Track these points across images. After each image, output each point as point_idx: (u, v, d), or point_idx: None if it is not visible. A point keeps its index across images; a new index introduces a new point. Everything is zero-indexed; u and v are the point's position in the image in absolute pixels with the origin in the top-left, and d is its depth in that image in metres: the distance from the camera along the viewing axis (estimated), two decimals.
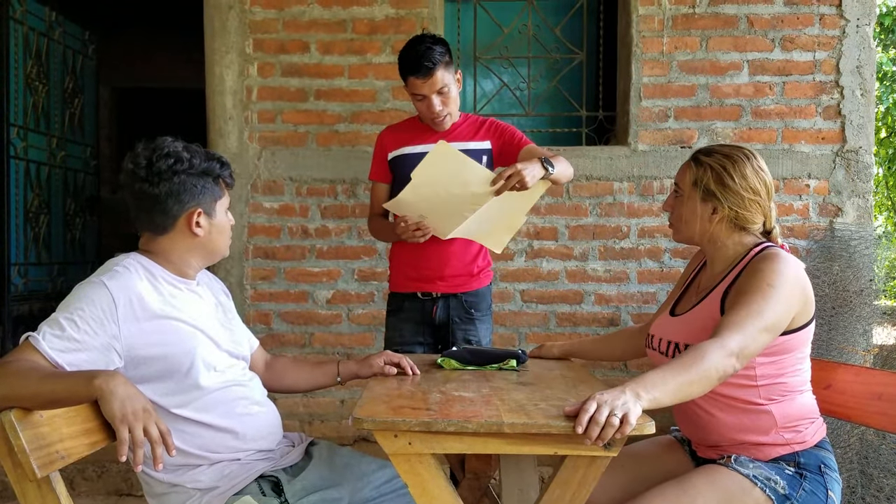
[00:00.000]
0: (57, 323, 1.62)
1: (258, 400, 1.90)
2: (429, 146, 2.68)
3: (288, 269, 3.92)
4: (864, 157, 3.82)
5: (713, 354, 1.62)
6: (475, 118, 2.83)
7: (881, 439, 3.03)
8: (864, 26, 3.80)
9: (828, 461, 1.82)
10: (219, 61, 3.88)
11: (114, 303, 1.66)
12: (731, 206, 1.88)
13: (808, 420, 1.84)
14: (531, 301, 3.90)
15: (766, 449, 1.81)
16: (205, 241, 1.85)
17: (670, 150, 3.83)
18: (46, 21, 4.94)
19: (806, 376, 1.87)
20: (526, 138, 2.77)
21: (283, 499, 1.71)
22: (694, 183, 1.92)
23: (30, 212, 4.76)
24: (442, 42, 2.63)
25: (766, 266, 1.77)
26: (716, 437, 1.86)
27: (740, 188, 1.86)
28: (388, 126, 2.92)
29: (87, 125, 5.62)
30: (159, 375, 1.72)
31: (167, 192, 1.77)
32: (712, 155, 1.91)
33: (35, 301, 4.79)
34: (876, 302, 3.57)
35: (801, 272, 1.80)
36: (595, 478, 1.51)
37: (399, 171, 2.76)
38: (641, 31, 3.85)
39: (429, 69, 2.56)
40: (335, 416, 3.93)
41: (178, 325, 1.75)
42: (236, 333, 1.95)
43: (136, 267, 1.77)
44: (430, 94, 2.61)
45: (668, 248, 3.86)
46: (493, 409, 1.57)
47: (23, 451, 1.49)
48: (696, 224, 1.93)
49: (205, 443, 1.77)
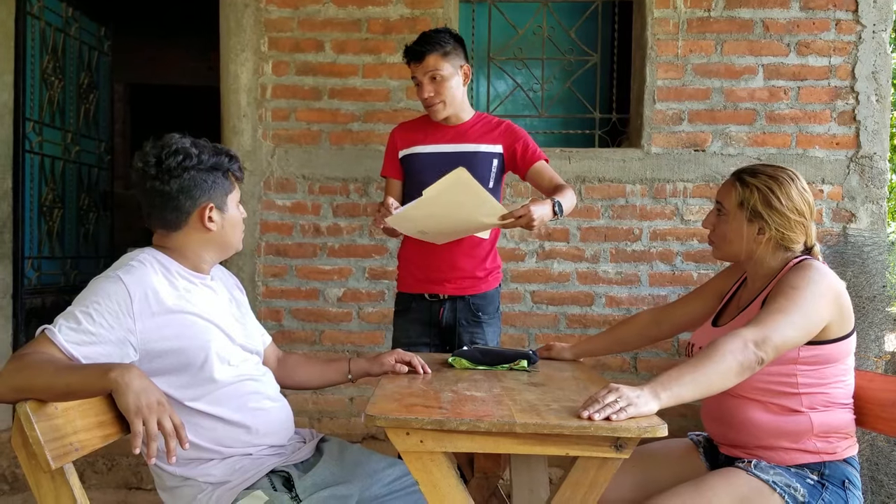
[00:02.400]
0: (73, 316, 1.64)
1: (271, 395, 1.91)
2: (440, 146, 2.68)
3: (299, 267, 3.93)
4: (878, 162, 3.81)
5: (729, 345, 1.64)
6: (490, 118, 2.80)
7: (892, 446, 3.02)
8: (881, 32, 3.79)
9: (853, 478, 1.82)
10: (234, 59, 3.89)
11: (129, 297, 1.67)
12: (777, 228, 1.89)
13: (842, 434, 1.84)
14: (542, 302, 3.90)
15: (794, 455, 1.81)
16: (218, 236, 1.86)
17: (683, 154, 3.82)
18: (63, 17, 4.96)
19: (849, 390, 1.87)
20: (539, 151, 2.73)
21: (294, 494, 1.72)
22: (740, 203, 1.92)
23: (44, 206, 4.79)
24: (449, 32, 2.65)
25: (796, 273, 1.80)
26: (747, 437, 1.86)
27: (786, 210, 1.88)
28: (401, 123, 2.91)
29: (101, 121, 5.64)
30: (174, 369, 1.73)
31: (178, 188, 1.78)
32: (758, 176, 1.92)
33: (48, 294, 4.81)
34: (888, 308, 3.55)
35: (835, 281, 1.81)
36: (606, 479, 1.51)
37: (410, 169, 2.75)
38: (656, 33, 3.84)
39: (420, 53, 2.61)
40: (344, 413, 3.94)
41: (192, 319, 1.76)
42: (249, 328, 1.96)
43: (151, 262, 1.78)
44: (422, 79, 2.63)
45: (680, 251, 3.86)
46: (504, 408, 1.58)
47: (37, 442, 1.50)
48: (740, 244, 1.94)
49: (217, 437, 1.78)
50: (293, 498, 1.71)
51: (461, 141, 2.69)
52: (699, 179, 3.81)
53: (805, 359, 1.79)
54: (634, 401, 1.50)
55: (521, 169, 2.73)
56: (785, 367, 1.79)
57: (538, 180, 2.71)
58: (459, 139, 2.70)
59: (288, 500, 1.71)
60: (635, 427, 1.45)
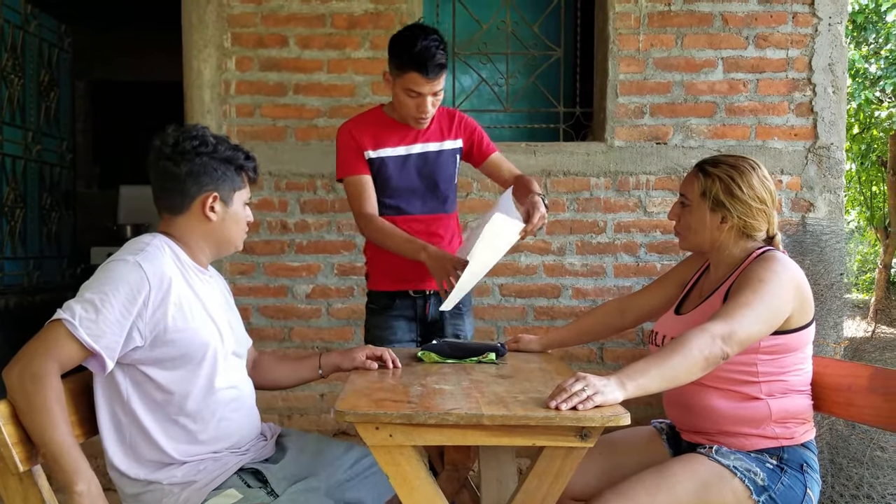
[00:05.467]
0: (91, 304, 1.62)
1: (246, 403, 1.90)
2: (409, 147, 2.62)
3: (267, 264, 3.92)
4: (835, 153, 3.89)
5: (695, 339, 1.68)
6: (442, 110, 2.71)
7: (850, 429, 3.10)
8: (837, 24, 3.87)
9: (811, 461, 1.88)
10: (196, 55, 3.86)
11: (148, 284, 1.67)
12: (739, 216, 1.93)
13: (800, 419, 1.89)
14: (510, 295, 3.94)
15: (754, 440, 1.86)
16: (218, 228, 1.86)
17: (646, 147, 3.88)
18: (22, 14, 4.89)
19: (807, 377, 1.93)
20: (492, 143, 2.74)
21: (270, 489, 1.72)
22: (703, 193, 1.96)
23: (5, 206, 4.72)
24: (445, 42, 2.48)
25: (760, 266, 1.85)
26: (707, 423, 1.91)
27: (748, 198, 1.92)
28: (354, 120, 2.72)
29: (62, 119, 5.57)
30: (171, 359, 1.72)
31: (188, 171, 1.80)
32: (719, 165, 1.96)
33: (11, 295, 4.75)
34: (847, 295, 3.64)
35: (797, 273, 1.86)
36: (571, 468, 1.55)
37: (374, 173, 2.63)
38: (618, 28, 3.89)
39: (438, 71, 2.43)
40: (315, 409, 3.95)
41: (200, 315, 1.77)
42: (237, 332, 1.95)
43: (164, 249, 1.78)
44: (426, 94, 2.47)
45: (644, 242, 3.91)
46: (472, 401, 1.60)
47: (5, 444, 1.51)
48: (704, 233, 1.98)
49: (183, 448, 1.76)
50: (269, 493, 1.72)
51: (425, 140, 2.65)
52: (661, 172, 3.86)
53: (766, 348, 1.84)
54: (601, 389, 1.54)
55: (478, 160, 2.73)
56: (746, 357, 1.83)
57: (496, 171, 2.73)
58: (423, 138, 2.65)
59: (264, 495, 1.71)
60: (599, 416, 1.48)
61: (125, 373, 1.72)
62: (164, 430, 1.74)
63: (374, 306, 2.76)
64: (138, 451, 1.74)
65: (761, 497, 1.79)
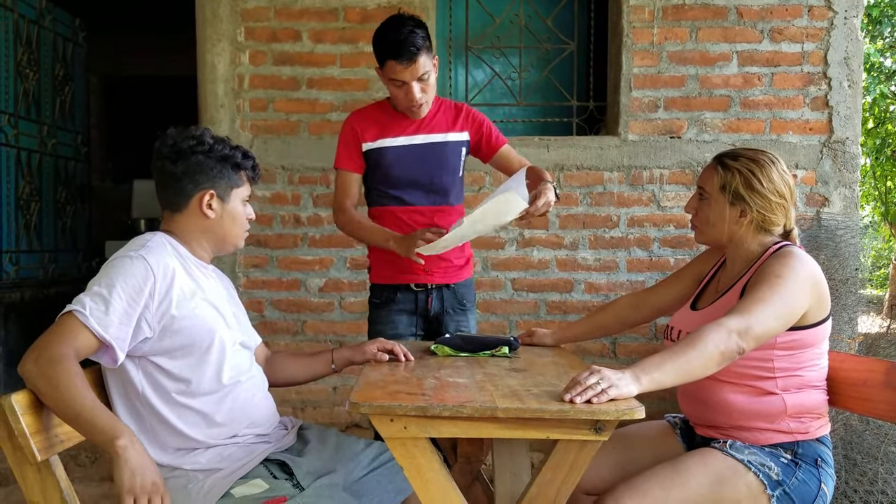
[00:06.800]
0: (100, 297, 1.66)
1: (259, 388, 1.93)
2: (409, 138, 2.62)
3: (280, 258, 3.94)
4: (850, 147, 3.87)
5: (711, 334, 1.67)
6: (449, 103, 2.72)
7: (865, 425, 3.08)
8: (852, 18, 3.84)
9: (825, 456, 1.87)
10: (210, 49, 3.88)
11: (154, 275, 1.71)
12: (758, 210, 1.91)
13: (815, 414, 1.88)
14: (522, 289, 3.94)
15: (768, 434, 1.85)
16: (216, 225, 1.89)
17: (660, 140, 3.86)
18: (37, 8, 4.92)
19: (823, 373, 1.91)
20: (501, 136, 2.73)
21: (295, 481, 1.73)
22: (722, 187, 1.94)
23: (21, 199, 4.76)
24: (423, 25, 2.50)
25: (778, 261, 1.83)
26: (721, 418, 1.90)
27: (768, 192, 1.90)
28: (357, 112, 2.74)
29: (77, 113, 5.61)
30: (179, 348, 1.76)
31: (184, 170, 1.84)
32: (738, 159, 1.94)
33: (27, 288, 4.79)
34: (861, 291, 3.62)
35: (814, 269, 1.84)
36: (586, 461, 1.55)
37: (377, 163, 2.64)
38: (632, 21, 3.87)
39: (413, 54, 2.42)
40: (327, 402, 3.96)
41: (204, 304, 1.81)
42: (243, 325, 1.99)
43: (165, 244, 1.82)
44: (410, 81, 2.47)
45: (657, 237, 3.90)
46: (486, 394, 1.60)
47: (23, 434, 1.52)
48: (723, 227, 1.96)
49: (202, 430, 1.79)
50: (295, 486, 1.72)
51: (428, 131, 2.64)
52: (675, 166, 3.85)
53: (782, 344, 1.83)
54: (616, 382, 1.53)
55: (487, 154, 2.72)
56: (762, 352, 1.82)
57: (506, 164, 2.71)
58: (426, 129, 2.64)
59: (290, 487, 1.72)
60: (614, 410, 1.48)
61: (137, 365, 1.75)
62: (180, 416, 1.76)
63: (376, 300, 2.75)
64: (160, 438, 1.77)
65: (776, 491, 1.78)
